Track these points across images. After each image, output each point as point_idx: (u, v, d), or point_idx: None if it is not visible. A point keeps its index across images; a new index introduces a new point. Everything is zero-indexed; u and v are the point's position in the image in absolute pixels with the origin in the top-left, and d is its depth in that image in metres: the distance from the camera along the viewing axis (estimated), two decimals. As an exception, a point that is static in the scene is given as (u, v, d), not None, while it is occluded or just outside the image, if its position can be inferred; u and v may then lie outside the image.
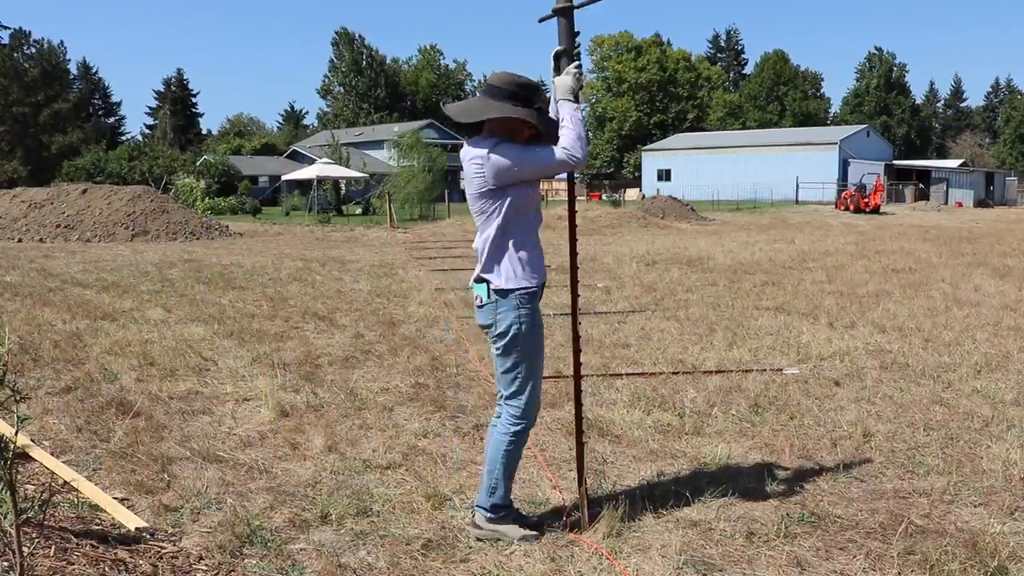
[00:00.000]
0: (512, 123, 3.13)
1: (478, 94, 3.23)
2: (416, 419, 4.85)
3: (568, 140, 3.09)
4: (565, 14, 3.35)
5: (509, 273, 3.12)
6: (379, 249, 17.82)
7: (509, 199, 3.10)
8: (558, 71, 3.24)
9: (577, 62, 3.26)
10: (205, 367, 6.14)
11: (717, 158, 61.08)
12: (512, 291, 3.11)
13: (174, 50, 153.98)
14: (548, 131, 3.17)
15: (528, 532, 3.25)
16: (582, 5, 3.38)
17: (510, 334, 3.12)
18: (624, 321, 8.18)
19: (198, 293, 10.12)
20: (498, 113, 3.08)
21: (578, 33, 3.26)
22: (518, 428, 3.22)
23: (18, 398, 2.46)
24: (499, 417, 3.30)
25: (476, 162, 3.08)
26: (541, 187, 3.62)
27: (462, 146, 3.24)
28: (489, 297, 3.14)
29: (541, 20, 3.47)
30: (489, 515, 3.25)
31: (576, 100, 3.17)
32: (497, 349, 3.18)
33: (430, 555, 3.13)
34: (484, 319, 3.19)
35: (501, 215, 3.10)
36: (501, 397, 3.28)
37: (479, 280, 3.18)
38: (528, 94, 3.15)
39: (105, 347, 6.72)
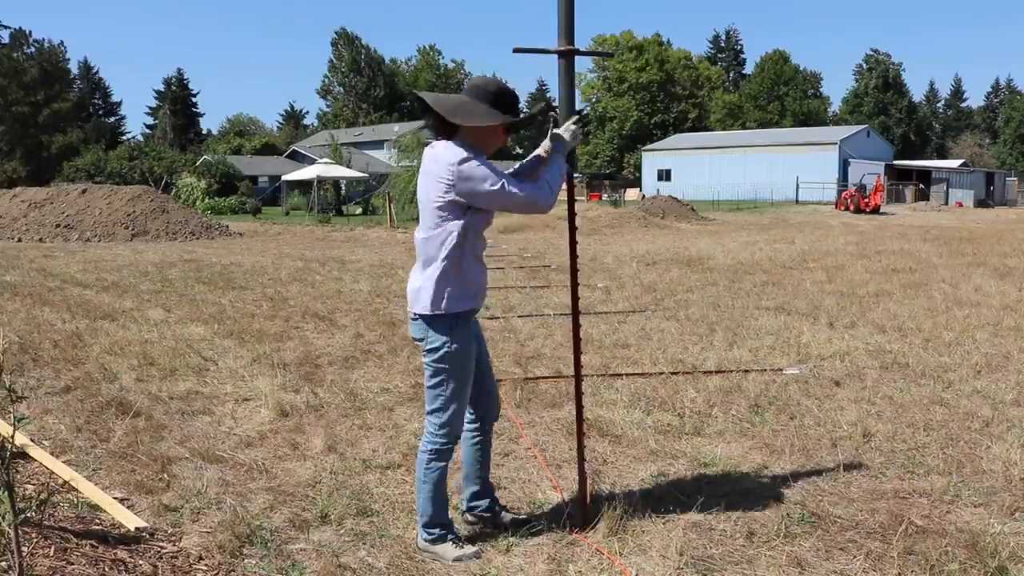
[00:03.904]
0: (491, 130, 3.02)
1: (463, 93, 3.07)
2: (416, 419, 4.85)
3: (549, 179, 3.02)
4: (567, 57, 3.09)
5: (451, 294, 2.99)
6: (379, 249, 17.82)
7: (467, 219, 2.96)
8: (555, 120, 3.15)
9: (575, 116, 3.16)
10: (205, 367, 6.14)
11: (717, 158, 61.04)
12: (448, 314, 3.00)
13: (174, 50, 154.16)
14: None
15: (464, 551, 3.08)
16: (585, 53, 3.10)
17: (441, 352, 3.02)
18: (624, 321, 8.18)
19: (198, 293, 10.12)
20: (490, 121, 2.96)
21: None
22: (435, 445, 3.10)
23: (15, 398, 2.45)
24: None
25: (448, 168, 2.90)
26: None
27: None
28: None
29: (517, 51, 3.22)
30: (424, 535, 3.13)
31: (566, 153, 3.11)
32: (427, 366, 3.08)
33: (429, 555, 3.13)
34: (416, 333, 3.09)
35: (455, 234, 2.95)
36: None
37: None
38: (512, 102, 3.04)
39: (105, 347, 6.72)
